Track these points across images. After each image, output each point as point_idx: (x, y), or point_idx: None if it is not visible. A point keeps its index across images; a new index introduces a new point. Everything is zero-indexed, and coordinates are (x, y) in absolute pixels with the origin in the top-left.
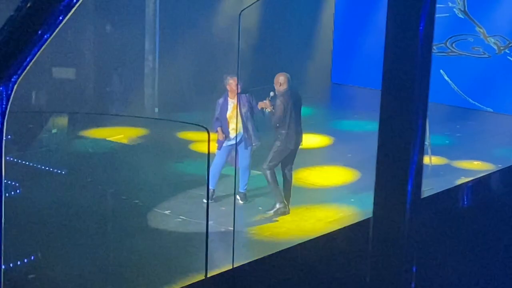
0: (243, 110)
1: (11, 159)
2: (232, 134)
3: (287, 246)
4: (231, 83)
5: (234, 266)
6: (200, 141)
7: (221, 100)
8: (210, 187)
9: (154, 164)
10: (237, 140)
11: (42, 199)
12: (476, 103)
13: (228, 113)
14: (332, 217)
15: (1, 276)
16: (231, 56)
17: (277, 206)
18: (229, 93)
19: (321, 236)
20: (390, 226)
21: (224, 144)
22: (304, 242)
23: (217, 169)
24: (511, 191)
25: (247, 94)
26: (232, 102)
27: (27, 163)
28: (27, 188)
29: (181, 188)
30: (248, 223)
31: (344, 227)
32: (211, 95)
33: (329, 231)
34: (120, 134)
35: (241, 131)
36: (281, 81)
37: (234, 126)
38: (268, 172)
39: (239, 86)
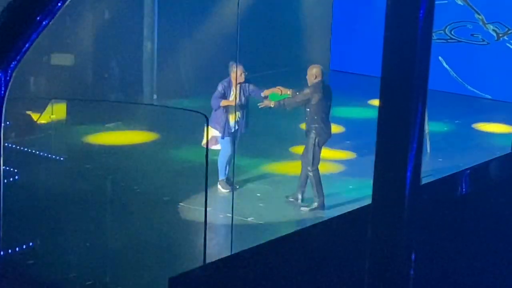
0: (242, 100)
1: (10, 145)
2: (232, 120)
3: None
4: (236, 71)
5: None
6: None
7: (225, 83)
8: (220, 177)
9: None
10: (236, 127)
11: (41, 185)
12: (475, 90)
13: (230, 99)
14: None
15: (1, 262)
16: (231, 41)
17: (315, 205)
18: (232, 81)
19: (320, 222)
20: (389, 213)
21: (223, 133)
22: (303, 229)
23: (226, 159)
24: (511, 178)
25: (247, 84)
26: (233, 90)
27: (26, 149)
28: (26, 174)
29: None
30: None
31: (343, 214)
32: (211, 82)
33: (328, 218)
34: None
35: (238, 118)
36: (315, 73)
37: (233, 113)
38: (315, 173)
39: (243, 76)
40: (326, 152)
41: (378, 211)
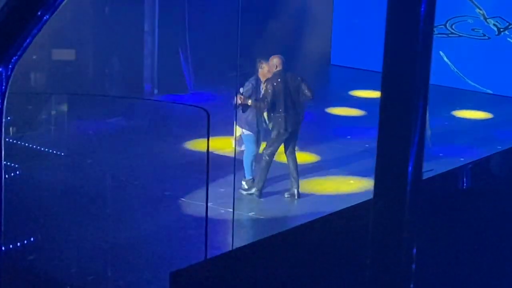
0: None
1: (11, 140)
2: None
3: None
4: (264, 67)
5: (234, 248)
6: None
7: (253, 82)
8: (247, 177)
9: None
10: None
11: (42, 180)
12: (476, 85)
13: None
14: None
15: (1, 258)
16: (231, 36)
17: (253, 190)
18: (261, 78)
19: (321, 217)
20: (390, 208)
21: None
22: (304, 224)
23: (251, 158)
24: None
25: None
26: (263, 88)
27: (26, 144)
28: (27, 169)
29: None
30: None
31: (345, 209)
32: (212, 76)
33: (329, 213)
34: None
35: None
36: (276, 63)
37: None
38: (265, 158)
39: (271, 72)
40: None
41: (379, 206)
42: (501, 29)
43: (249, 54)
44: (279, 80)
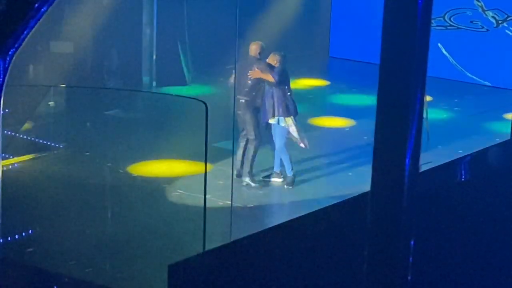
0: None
1: (9, 132)
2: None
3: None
4: (277, 58)
5: (232, 240)
6: None
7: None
8: (274, 169)
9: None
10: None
11: (40, 173)
12: (474, 77)
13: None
14: None
15: (0, 250)
16: (230, 28)
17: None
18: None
19: (319, 210)
20: (388, 200)
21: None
22: (302, 216)
23: (275, 151)
24: (510, 165)
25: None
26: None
27: (25, 136)
28: (25, 161)
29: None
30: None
31: (342, 201)
32: (211, 69)
33: (327, 205)
34: None
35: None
36: (251, 49)
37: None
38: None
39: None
40: None
41: (377, 198)
42: (500, 21)
43: (247, 47)
44: (245, 65)
